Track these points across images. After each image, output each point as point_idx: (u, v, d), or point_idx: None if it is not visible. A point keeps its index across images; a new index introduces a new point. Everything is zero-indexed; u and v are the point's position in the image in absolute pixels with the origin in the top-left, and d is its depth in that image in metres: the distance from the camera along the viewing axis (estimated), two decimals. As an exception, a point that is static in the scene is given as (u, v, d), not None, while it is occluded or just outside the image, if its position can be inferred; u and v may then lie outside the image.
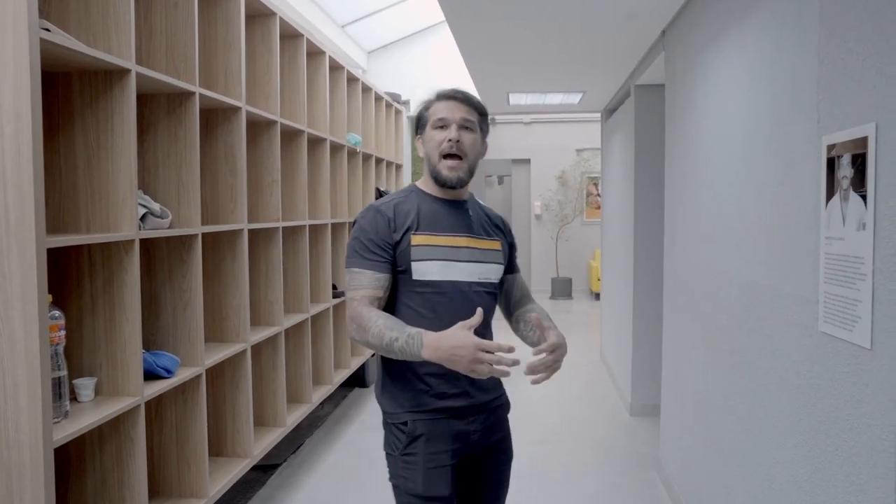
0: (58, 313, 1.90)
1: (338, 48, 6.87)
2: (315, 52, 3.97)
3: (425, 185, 1.79)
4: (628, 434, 4.26)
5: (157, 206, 2.34)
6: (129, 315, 2.15)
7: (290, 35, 3.61)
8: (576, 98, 5.50)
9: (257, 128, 3.25)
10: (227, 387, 2.95)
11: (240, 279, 2.90)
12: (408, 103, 7.97)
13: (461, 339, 1.48)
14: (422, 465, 1.67)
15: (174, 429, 2.53)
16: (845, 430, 1.52)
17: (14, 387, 1.70)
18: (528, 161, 10.76)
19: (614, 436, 4.23)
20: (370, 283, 1.66)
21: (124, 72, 2.10)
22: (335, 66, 4.35)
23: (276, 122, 3.28)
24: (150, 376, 2.29)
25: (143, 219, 2.24)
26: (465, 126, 1.71)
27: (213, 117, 2.86)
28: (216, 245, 2.88)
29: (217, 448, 2.95)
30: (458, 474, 1.73)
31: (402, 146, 6.35)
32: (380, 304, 1.67)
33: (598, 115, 6.44)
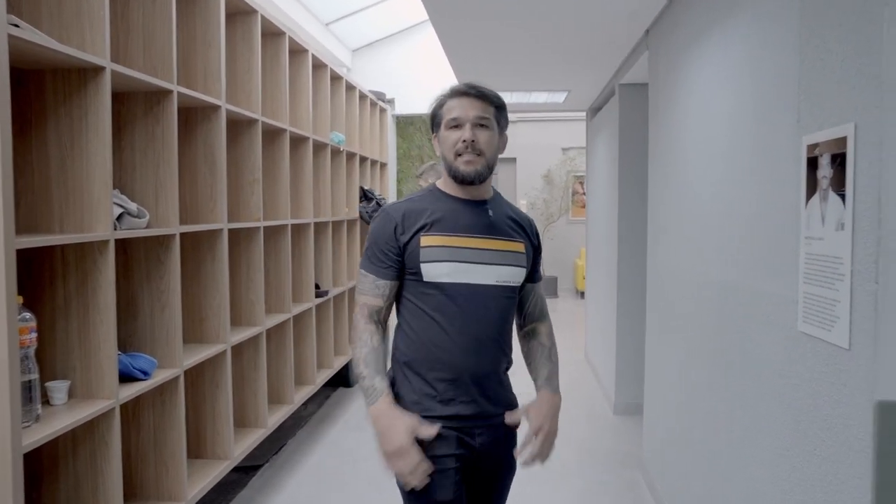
0: (28, 315, 1.86)
1: (322, 46, 6.83)
2: (298, 51, 3.94)
3: (444, 184, 1.74)
4: (612, 433, 4.26)
5: (133, 206, 2.30)
6: (103, 316, 2.11)
7: (273, 33, 3.57)
8: (561, 97, 5.50)
9: (238, 126, 3.22)
10: (207, 388, 2.91)
11: (220, 279, 2.86)
12: (392, 102, 7.94)
13: (398, 442, 1.57)
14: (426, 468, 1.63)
15: (152, 431, 2.50)
16: (823, 430, 1.52)
17: (-17, 391, 1.66)
18: (513, 160, 10.78)
19: (598, 435, 4.23)
20: (370, 289, 1.68)
21: (98, 69, 2.06)
22: (318, 65, 4.32)
23: (257, 121, 3.25)
24: (127, 378, 2.26)
25: (119, 219, 2.21)
26: (479, 124, 1.65)
27: (193, 116, 2.82)
28: (196, 245, 2.84)
29: (197, 450, 2.92)
30: (462, 480, 1.69)
31: (387, 145, 6.31)
32: (380, 315, 1.68)
33: (583, 114, 6.45)
